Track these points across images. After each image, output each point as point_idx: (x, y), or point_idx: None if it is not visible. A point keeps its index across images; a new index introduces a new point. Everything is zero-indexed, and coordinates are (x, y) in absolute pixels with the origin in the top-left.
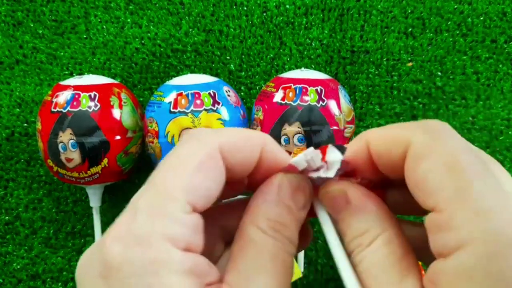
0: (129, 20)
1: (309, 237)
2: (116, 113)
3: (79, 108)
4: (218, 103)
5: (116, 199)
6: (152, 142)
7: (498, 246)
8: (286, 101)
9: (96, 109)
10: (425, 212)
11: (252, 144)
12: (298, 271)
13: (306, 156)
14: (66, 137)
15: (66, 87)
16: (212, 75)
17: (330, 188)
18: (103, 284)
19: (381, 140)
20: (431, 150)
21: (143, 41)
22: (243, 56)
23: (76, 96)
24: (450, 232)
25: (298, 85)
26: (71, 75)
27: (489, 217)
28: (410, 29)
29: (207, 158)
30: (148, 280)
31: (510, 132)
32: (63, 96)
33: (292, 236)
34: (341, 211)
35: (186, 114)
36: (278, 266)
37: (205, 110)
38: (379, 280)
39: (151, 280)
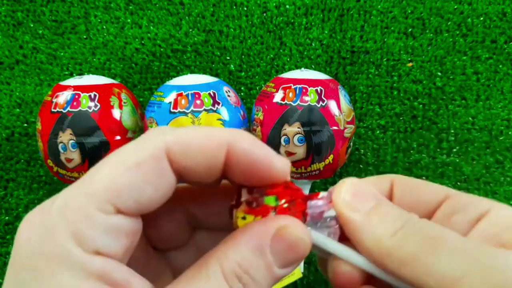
0: (129, 20)
1: None
2: (116, 113)
3: (79, 108)
4: (218, 103)
5: None
6: None
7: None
8: (286, 101)
9: (96, 109)
10: None
11: (212, 143)
12: (298, 271)
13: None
14: (66, 137)
15: (66, 87)
16: (212, 75)
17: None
18: (8, 269)
19: (412, 192)
20: None
21: (143, 41)
22: (243, 56)
23: (76, 96)
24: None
25: (298, 85)
26: (71, 75)
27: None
28: (410, 29)
29: (147, 159)
30: (40, 273)
31: (510, 132)
32: (63, 96)
33: None
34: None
35: (186, 114)
36: None
37: (205, 110)
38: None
39: (43, 274)
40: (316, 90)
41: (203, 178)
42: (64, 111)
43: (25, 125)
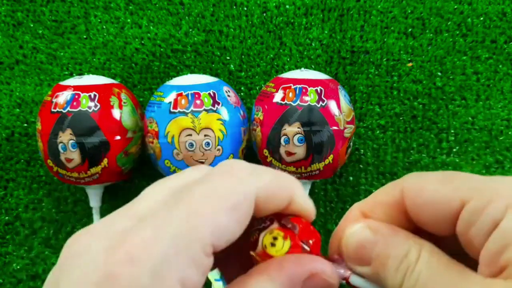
0: (129, 20)
1: None
2: (116, 113)
3: (79, 108)
4: (218, 103)
5: (116, 200)
6: (152, 143)
7: None
8: (286, 101)
9: (96, 109)
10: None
11: (283, 193)
12: None
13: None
14: (66, 137)
15: (66, 87)
16: (212, 75)
17: (350, 235)
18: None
19: (427, 198)
20: None
21: (143, 41)
22: (243, 56)
23: (76, 96)
24: None
25: (298, 85)
26: (71, 75)
27: None
28: (410, 29)
29: (243, 201)
30: None
31: (510, 132)
32: (63, 96)
33: None
34: (373, 248)
35: (186, 114)
36: None
37: (205, 110)
38: (445, 282)
39: None
40: (316, 90)
41: (263, 214)
42: (64, 111)
43: (25, 125)
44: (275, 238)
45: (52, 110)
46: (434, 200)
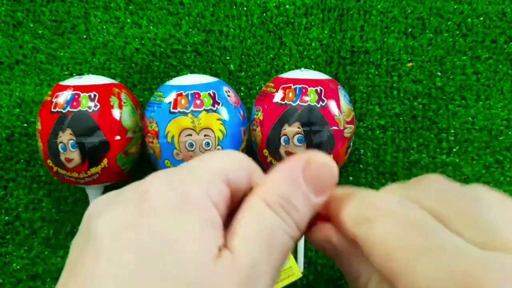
0: (129, 20)
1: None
2: (116, 113)
3: (79, 108)
4: (218, 103)
5: None
6: (152, 143)
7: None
8: (286, 101)
9: (96, 109)
10: None
11: (243, 169)
12: (298, 271)
13: None
14: (66, 137)
15: (66, 87)
16: (212, 75)
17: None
18: (135, 210)
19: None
20: None
21: (143, 41)
22: (243, 56)
23: (76, 96)
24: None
25: (298, 85)
26: (71, 75)
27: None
28: (410, 29)
29: (243, 156)
30: (180, 220)
31: (510, 132)
32: (63, 96)
33: (300, 221)
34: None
35: (186, 114)
36: (274, 248)
37: (205, 110)
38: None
39: (183, 220)
40: (316, 90)
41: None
42: (64, 111)
43: (25, 125)
44: None
45: (52, 110)
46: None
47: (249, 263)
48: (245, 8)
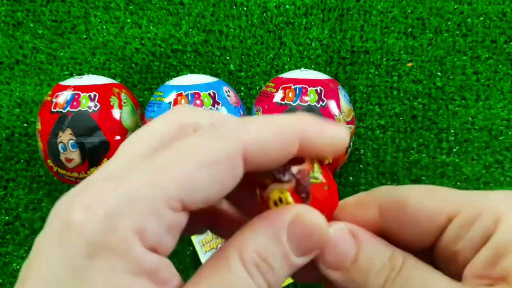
0: (129, 20)
1: None
2: (116, 113)
3: (79, 108)
4: (218, 103)
5: None
6: None
7: None
8: (286, 101)
9: (96, 109)
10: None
11: (287, 139)
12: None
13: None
14: (66, 137)
15: (66, 87)
16: (212, 75)
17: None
18: (57, 243)
19: (412, 214)
20: None
21: (143, 41)
22: (243, 56)
23: (76, 96)
24: None
25: (298, 85)
26: (71, 75)
27: None
28: (410, 29)
29: (223, 159)
30: (95, 261)
31: (510, 132)
32: (63, 96)
33: (273, 283)
34: (350, 252)
35: None
36: None
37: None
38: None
39: (99, 263)
40: (316, 90)
41: (269, 167)
42: (64, 111)
43: (25, 125)
44: (280, 200)
45: (52, 110)
46: (419, 215)
47: None
48: (245, 8)
